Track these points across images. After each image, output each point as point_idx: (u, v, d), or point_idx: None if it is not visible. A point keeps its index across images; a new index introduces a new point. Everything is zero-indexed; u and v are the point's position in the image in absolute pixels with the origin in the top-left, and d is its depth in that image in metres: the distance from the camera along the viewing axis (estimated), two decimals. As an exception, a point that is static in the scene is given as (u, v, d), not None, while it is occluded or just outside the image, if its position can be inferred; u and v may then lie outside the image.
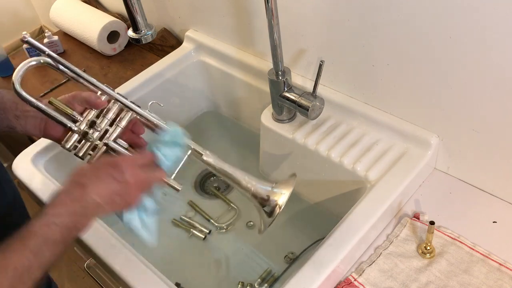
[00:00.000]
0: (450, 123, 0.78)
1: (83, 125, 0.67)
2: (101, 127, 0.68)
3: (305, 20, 0.87)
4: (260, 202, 0.68)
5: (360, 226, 0.73)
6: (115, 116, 0.69)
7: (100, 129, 0.68)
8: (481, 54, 0.67)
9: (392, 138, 0.85)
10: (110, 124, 0.69)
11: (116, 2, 1.36)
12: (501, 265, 0.71)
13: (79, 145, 0.68)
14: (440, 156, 0.84)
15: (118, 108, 0.69)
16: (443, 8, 0.67)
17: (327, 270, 0.68)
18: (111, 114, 0.69)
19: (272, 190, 0.68)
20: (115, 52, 1.31)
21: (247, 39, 1.04)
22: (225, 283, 0.94)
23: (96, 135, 0.67)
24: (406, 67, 0.78)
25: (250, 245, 0.99)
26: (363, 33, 0.80)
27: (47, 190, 0.86)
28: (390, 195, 0.77)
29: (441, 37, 0.70)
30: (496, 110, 0.71)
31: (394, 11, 0.73)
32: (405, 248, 0.75)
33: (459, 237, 0.75)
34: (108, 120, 0.68)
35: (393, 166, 0.81)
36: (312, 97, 0.87)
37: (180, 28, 1.21)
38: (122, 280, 0.72)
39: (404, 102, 0.83)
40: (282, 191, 0.68)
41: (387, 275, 0.71)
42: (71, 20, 1.35)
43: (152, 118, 0.70)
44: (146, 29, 0.76)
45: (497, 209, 0.78)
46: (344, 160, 0.84)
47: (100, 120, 0.68)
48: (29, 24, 1.64)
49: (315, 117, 0.90)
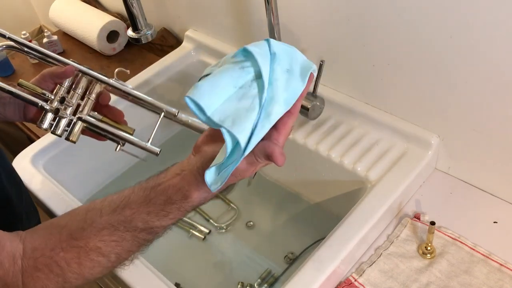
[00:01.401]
0: (450, 123, 0.78)
1: (54, 103, 0.67)
2: (73, 102, 0.67)
3: (305, 19, 0.87)
4: None
5: (361, 226, 0.73)
6: (85, 90, 0.69)
7: (72, 104, 0.67)
8: (482, 53, 0.67)
9: (392, 138, 0.85)
10: (81, 98, 0.68)
11: (115, 1, 1.35)
12: (501, 266, 0.70)
13: (54, 123, 0.67)
14: (440, 156, 0.83)
15: (86, 81, 0.69)
16: (443, 7, 0.67)
17: (327, 270, 0.68)
18: (80, 88, 0.68)
19: None
20: (114, 52, 1.31)
21: (247, 39, 1.04)
22: (225, 283, 0.94)
23: (70, 110, 0.67)
24: (407, 67, 0.78)
25: (250, 245, 0.99)
26: (364, 33, 0.80)
27: (46, 190, 0.86)
28: (391, 195, 0.76)
29: (441, 37, 0.70)
30: (497, 110, 0.71)
31: (394, 11, 0.73)
32: (406, 248, 0.75)
33: (460, 238, 0.75)
34: (78, 95, 0.68)
35: (393, 166, 0.81)
36: (313, 97, 0.87)
37: (179, 27, 1.21)
38: (121, 280, 0.72)
39: (404, 102, 0.82)
40: None
41: (387, 275, 0.71)
42: (71, 19, 1.35)
43: (119, 85, 0.69)
44: (145, 28, 0.76)
45: (497, 209, 0.78)
46: (344, 160, 0.84)
47: (71, 95, 0.68)
48: (29, 24, 1.64)
49: (315, 117, 0.90)
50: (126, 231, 0.50)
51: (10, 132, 1.26)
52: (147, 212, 0.50)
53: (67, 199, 0.84)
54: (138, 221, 0.50)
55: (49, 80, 0.68)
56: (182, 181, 0.50)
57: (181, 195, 0.50)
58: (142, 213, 0.50)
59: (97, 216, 0.51)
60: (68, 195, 0.85)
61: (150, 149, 0.67)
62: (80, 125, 0.68)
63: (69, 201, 0.84)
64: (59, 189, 0.86)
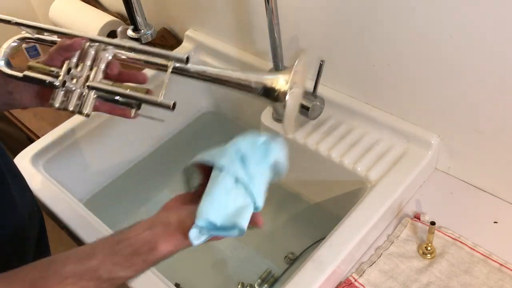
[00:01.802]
0: (450, 123, 0.78)
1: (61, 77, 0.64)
2: (81, 74, 0.64)
3: (305, 19, 0.87)
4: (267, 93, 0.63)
5: (361, 227, 0.73)
6: (93, 61, 0.65)
7: (81, 75, 0.64)
8: (482, 53, 0.67)
9: (392, 138, 0.85)
10: (90, 69, 0.64)
11: (115, 1, 1.35)
12: (502, 266, 0.70)
13: (66, 99, 0.63)
14: (440, 156, 0.83)
15: (94, 52, 0.65)
16: (443, 7, 0.67)
17: (327, 270, 0.68)
18: (88, 59, 0.65)
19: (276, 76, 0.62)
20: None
21: (247, 39, 1.04)
22: (225, 283, 0.94)
23: (79, 82, 0.64)
24: (407, 67, 0.78)
25: (250, 245, 0.99)
26: (364, 33, 0.80)
27: (46, 191, 0.86)
28: (391, 195, 0.76)
29: (441, 37, 0.70)
30: (497, 110, 0.71)
31: (394, 11, 0.73)
32: (406, 248, 0.75)
33: (460, 238, 0.75)
34: (87, 66, 0.64)
35: (393, 166, 0.81)
36: (313, 97, 0.87)
37: (180, 27, 1.21)
38: (121, 281, 0.72)
39: (404, 102, 0.82)
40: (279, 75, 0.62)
41: (387, 275, 0.71)
42: (71, 19, 1.35)
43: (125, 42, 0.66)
44: (145, 28, 0.76)
45: (498, 209, 0.78)
46: (344, 160, 0.84)
47: (81, 67, 0.64)
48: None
49: (315, 117, 0.90)
50: (90, 280, 0.50)
51: (10, 132, 1.26)
52: (112, 263, 0.51)
53: (67, 199, 0.84)
54: (102, 271, 0.50)
55: (57, 56, 0.66)
56: (152, 234, 0.51)
57: (148, 247, 0.51)
58: (108, 264, 0.51)
59: (61, 266, 0.51)
60: (68, 195, 0.85)
61: (164, 103, 0.62)
62: (91, 95, 0.63)
63: (69, 201, 0.84)
64: (59, 189, 0.86)
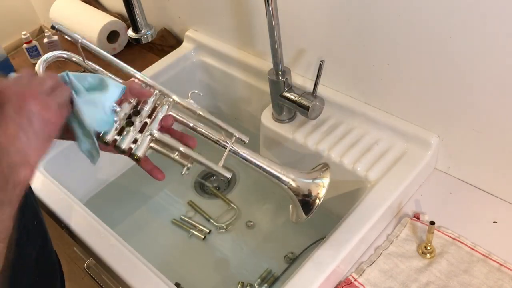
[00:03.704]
0: (450, 123, 0.78)
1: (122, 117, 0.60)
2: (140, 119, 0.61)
3: (305, 20, 0.87)
4: (300, 197, 0.63)
5: (360, 226, 0.73)
6: (152, 109, 0.63)
7: (141, 120, 0.61)
8: (482, 53, 0.67)
9: (392, 138, 0.85)
10: (148, 116, 0.62)
11: (116, 2, 1.35)
12: (501, 265, 0.70)
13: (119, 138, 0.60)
14: (440, 156, 0.84)
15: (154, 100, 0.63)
16: (443, 7, 0.67)
17: (327, 270, 0.68)
18: (148, 106, 0.62)
19: (313, 183, 0.64)
20: (115, 52, 1.31)
21: (247, 39, 1.04)
22: (225, 283, 0.94)
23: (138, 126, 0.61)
24: (406, 67, 0.78)
25: (250, 245, 0.99)
26: (363, 33, 0.80)
27: (47, 191, 0.86)
28: (390, 195, 0.76)
29: (441, 37, 0.70)
30: (497, 110, 0.71)
31: (394, 11, 0.73)
32: (405, 248, 0.75)
33: (459, 237, 0.75)
34: (146, 111, 0.62)
35: (393, 166, 0.81)
36: (312, 97, 0.87)
37: (180, 28, 1.21)
38: (121, 280, 0.72)
39: (404, 102, 0.83)
40: (323, 181, 0.64)
41: (387, 275, 0.71)
42: (71, 20, 1.35)
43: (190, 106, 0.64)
44: (146, 29, 0.76)
45: (497, 209, 0.78)
46: (344, 160, 0.84)
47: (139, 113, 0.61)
48: (29, 24, 1.64)
49: (315, 117, 0.90)
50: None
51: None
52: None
53: (67, 199, 0.84)
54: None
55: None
56: None
57: None
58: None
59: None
60: (68, 195, 0.85)
61: (222, 173, 0.64)
62: (148, 140, 0.61)
63: (69, 201, 0.84)
64: (59, 189, 0.86)
